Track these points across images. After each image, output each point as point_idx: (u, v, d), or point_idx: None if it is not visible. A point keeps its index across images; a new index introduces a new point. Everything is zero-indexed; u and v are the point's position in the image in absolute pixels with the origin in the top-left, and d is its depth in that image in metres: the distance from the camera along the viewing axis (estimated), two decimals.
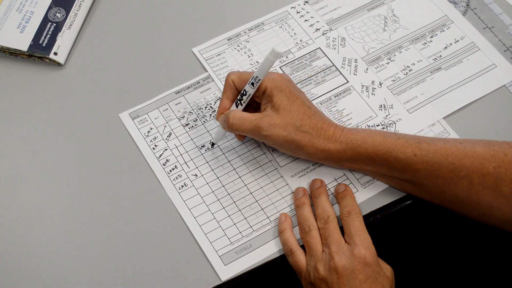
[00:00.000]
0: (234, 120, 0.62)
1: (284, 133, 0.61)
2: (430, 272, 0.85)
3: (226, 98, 0.65)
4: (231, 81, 0.65)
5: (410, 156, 0.61)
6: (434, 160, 0.60)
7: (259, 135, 0.62)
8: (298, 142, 0.62)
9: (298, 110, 0.62)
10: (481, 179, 0.59)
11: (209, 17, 0.79)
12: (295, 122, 0.62)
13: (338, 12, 0.80)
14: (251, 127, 0.62)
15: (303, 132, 0.62)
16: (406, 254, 0.83)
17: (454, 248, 0.85)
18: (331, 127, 0.63)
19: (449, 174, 0.60)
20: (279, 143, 0.63)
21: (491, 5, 0.79)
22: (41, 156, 0.69)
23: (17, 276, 0.62)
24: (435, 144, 0.61)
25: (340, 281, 0.57)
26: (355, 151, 0.62)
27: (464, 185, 0.59)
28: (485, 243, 0.85)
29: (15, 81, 0.74)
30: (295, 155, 0.65)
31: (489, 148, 0.59)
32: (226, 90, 0.65)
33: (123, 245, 0.64)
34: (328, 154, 0.63)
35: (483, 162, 0.59)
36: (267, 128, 0.61)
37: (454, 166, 0.59)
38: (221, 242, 0.64)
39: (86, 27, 0.78)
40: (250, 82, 0.63)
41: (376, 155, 0.62)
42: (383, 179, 0.66)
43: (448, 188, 0.60)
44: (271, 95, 0.62)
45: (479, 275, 0.84)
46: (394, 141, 0.62)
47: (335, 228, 0.61)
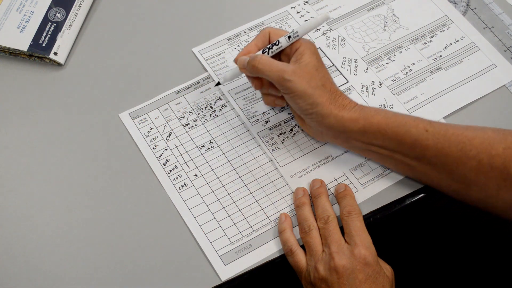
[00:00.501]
0: (262, 60, 0.63)
1: (306, 85, 0.62)
2: (430, 272, 0.85)
3: (255, 44, 0.66)
4: (267, 32, 0.66)
5: (421, 131, 0.61)
6: (445, 138, 0.60)
7: (282, 79, 0.62)
8: (316, 98, 0.62)
9: (323, 73, 0.63)
10: (490, 159, 0.59)
11: (209, 17, 0.79)
12: (318, 80, 0.62)
13: (338, 12, 0.80)
14: (276, 70, 0.62)
15: (323, 91, 0.62)
16: (406, 254, 0.83)
17: (454, 248, 0.86)
18: (346, 98, 0.64)
19: (458, 153, 0.60)
20: (298, 93, 0.62)
21: (491, 5, 0.79)
22: (41, 156, 0.69)
23: (17, 276, 0.62)
24: (446, 124, 0.62)
25: (340, 281, 0.57)
26: (367, 120, 0.62)
27: (473, 165, 0.60)
28: (485, 243, 0.85)
29: (15, 81, 0.74)
30: (307, 114, 0.64)
31: (499, 131, 0.60)
32: (258, 37, 0.66)
33: (123, 245, 0.64)
34: (341, 120, 0.62)
35: (493, 143, 0.59)
36: (291, 74, 0.61)
37: (464, 145, 0.60)
38: (221, 242, 0.64)
39: (86, 27, 0.78)
40: (288, 35, 0.64)
41: (388, 127, 0.62)
42: (390, 160, 0.65)
43: (456, 168, 0.61)
44: (303, 53, 0.63)
45: (479, 275, 0.84)
46: (406, 117, 0.62)
47: (335, 228, 0.61)
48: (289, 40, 0.64)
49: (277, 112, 0.72)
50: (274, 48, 0.64)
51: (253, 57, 0.63)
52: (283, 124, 0.71)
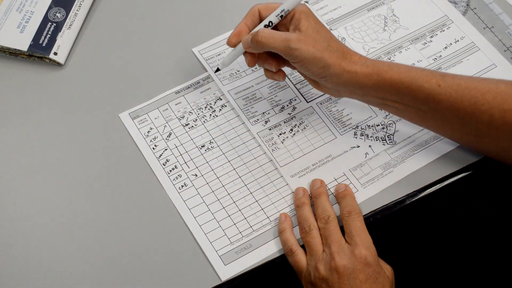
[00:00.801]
0: (264, 34, 0.62)
1: (313, 49, 0.61)
2: (430, 272, 0.85)
3: (244, 23, 0.65)
4: (256, 10, 0.65)
5: (434, 86, 0.61)
6: (458, 93, 0.61)
7: (288, 48, 0.61)
8: (326, 60, 0.61)
9: (325, 33, 0.63)
10: (502, 114, 0.60)
11: (209, 17, 0.79)
12: (323, 42, 0.62)
13: (338, 12, 0.80)
14: (281, 40, 0.61)
15: (331, 51, 0.62)
16: (406, 254, 0.83)
17: (454, 248, 0.86)
18: (356, 54, 0.64)
19: (470, 107, 0.60)
20: (308, 59, 0.62)
21: (491, 5, 0.79)
22: (41, 156, 0.69)
23: (17, 276, 0.62)
24: (459, 78, 0.62)
25: (340, 281, 0.57)
26: (380, 76, 0.62)
27: (485, 119, 0.60)
28: (485, 243, 0.85)
29: (15, 81, 0.74)
30: (320, 77, 0.64)
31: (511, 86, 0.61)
32: (247, 16, 0.65)
33: (123, 245, 0.64)
34: (354, 76, 0.62)
35: (506, 98, 0.60)
36: (297, 41, 0.61)
37: (476, 100, 0.60)
38: (221, 242, 0.64)
39: (86, 27, 0.78)
40: (278, 13, 0.64)
41: (401, 82, 0.62)
42: (405, 112, 0.65)
43: (469, 121, 0.61)
44: (300, 18, 0.63)
45: (479, 275, 0.84)
46: (419, 71, 0.62)
47: (336, 228, 0.61)
48: (281, 18, 0.64)
49: (277, 112, 0.72)
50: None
51: (255, 33, 0.63)
52: (283, 124, 0.71)
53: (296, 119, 0.71)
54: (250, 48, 0.64)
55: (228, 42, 0.66)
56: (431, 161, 0.68)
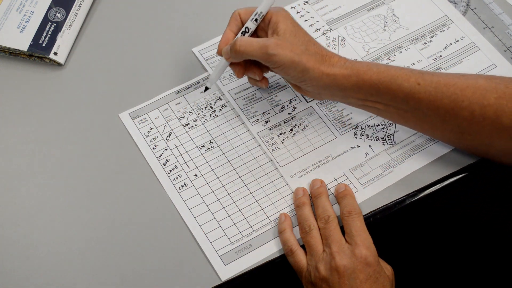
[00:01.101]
0: (241, 42, 0.62)
1: (291, 54, 0.61)
2: (430, 272, 0.85)
3: (229, 30, 0.66)
4: (237, 14, 0.66)
5: (413, 84, 0.61)
6: (437, 90, 0.61)
7: (266, 55, 0.61)
8: (304, 64, 0.62)
9: (303, 36, 0.63)
10: (482, 109, 0.60)
11: (209, 17, 0.79)
12: (300, 46, 0.62)
13: (338, 12, 0.80)
14: (259, 47, 0.62)
15: (309, 55, 0.62)
16: (406, 254, 0.83)
17: (454, 248, 0.86)
18: (335, 55, 0.64)
19: (450, 104, 0.61)
20: (286, 64, 0.62)
21: (491, 5, 0.79)
22: (41, 156, 0.69)
23: (17, 276, 0.62)
24: (438, 76, 0.62)
25: (341, 281, 0.57)
26: (359, 77, 0.62)
27: (465, 115, 0.60)
28: (485, 243, 0.85)
29: (15, 81, 0.74)
30: (300, 81, 0.64)
31: (490, 81, 0.61)
32: (231, 22, 0.66)
33: (123, 245, 0.64)
34: (334, 79, 0.63)
35: (485, 93, 0.60)
36: (274, 47, 0.61)
37: (456, 96, 0.60)
38: (221, 242, 0.64)
39: (86, 27, 0.78)
40: (252, 18, 0.64)
41: (380, 82, 0.62)
42: (386, 112, 0.65)
43: (449, 118, 0.61)
44: (277, 22, 0.63)
45: (479, 275, 0.84)
46: (398, 70, 0.62)
47: (336, 228, 0.61)
48: (257, 23, 0.65)
49: (277, 112, 0.72)
50: (246, 35, 0.65)
51: (233, 42, 0.63)
52: (283, 124, 0.71)
53: (296, 119, 0.71)
54: (231, 58, 0.64)
55: (218, 52, 0.66)
56: (431, 161, 0.68)
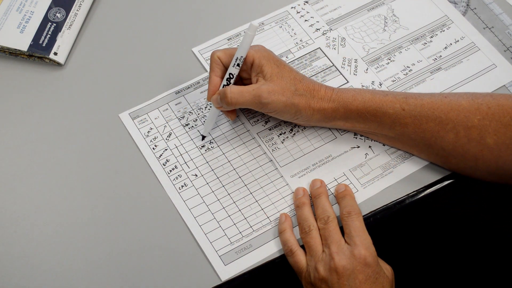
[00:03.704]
0: (232, 94, 0.63)
1: (284, 98, 0.62)
2: (430, 272, 0.85)
3: (214, 76, 0.66)
4: (217, 58, 0.65)
5: (398, 110, 0.63)
6: (422, 114, 0.62)
7: (260, 104, 0.62)
8: (297, 105, 0.63)
9: (289, 76, 0.64)
10: (466, 131, 0.61)
11: (209, 17, 0.79)
12: (290, 87, 0.63)
13: (338, 12, 0.80)
14: (251, 97, 0.62)
15: (299, 95, 0.63)
16: (406, 254, 0.83)
17: (454, 248, 0.85)
18: (321, 87, 0.65)
19: (436, 128, 0.62)
20: (280, 109, 0.63)
21: (491, 5, 0.79)
22: (41, 156, 0.69)
23: (17, 276, 0.62)
24: (421, 99, 0.63)
25: (340, 281, 0.57)
26: (347, 108, 0.64)
27: (451, 137, 0.62)
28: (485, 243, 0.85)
29: (15, 81, 0.74)
30: (293, 120, 0.66)
31: (473, 101, 0.62)
32: (213, 67, 0.66)
33: (123, 245, 0.64)
34: (323, 113, 0.64)
35: (468, 115, 0.61)
36: (267, 95, 0.62)
37: (441, 120, 0.62)
38: (221, 242, 0.64)
39: (86, 27, 0.78)
40: (234, 63, 0.64)
41: (367, 111, 0.64)
42: (374, 135, 0.68)
43: (435, 142, 0.63)
44: (261, 65, 0.64)
45: (479, 275, 0.84)
46: (382, 97, 0.64)
47: (335, 229, 0.61)
48: (239, 66, 0.64)
49: None
50: (232, 81, 0.65)
51: (223, 93, 0.63)
52: (283, 124, 0.71)
53: None
54: (223, 108, 0.65)
55: (208, 99, 0.66)
56: (431, 161, 0.68)
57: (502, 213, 0.85)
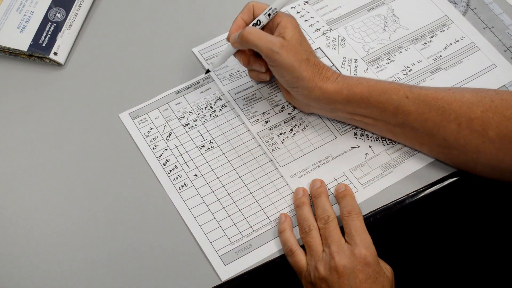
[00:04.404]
0: (251, 31, 0.64)
1: (293, 58, 0.63)
2: (430, 272, 0.85)
3: (241, 18, 0.68)
4: (251, 5, 0.68)
5: (402, 97, 0.63)
6: (425, 103, 0.62)
7: (270, 51, 0.63)
8: (302, 72, 0.63)
9: (307, 47, 0.65)
10: (469, 122, 0.61)
11: (209, 17, 0.79)
12: (303, 54, 0.64)
13: (338, 12, 0.80)
14: (265, 42, 0.63)
15: (308, 65, 0.64)
16: (406, 254, 0.83)
17: (454, 248, 0.86)
18: (329, 69, 0.66)
19: (438, 117, 0.62)
20: (285, 66, 0.63)
21: (491, 5, 0.79)
22: (41, 156, 0.69)
23: (17, 276, 0.62)
24: (425, 89, 0.64)
25: (340, 280, 0.58)
26: (350, 91, 0.64)
27: (453, 128, 0.62)
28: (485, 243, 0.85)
29: (15, 81, 0.74)
30: (292, 87, 0.66)
31: (476, 94, 0.62)
32: (244, 11, 0.68)
33: (123, 245, 0.64)
34: (325, 92, 0.64)
35: (471, 107, 0.61)
36: (279, 46, 0.63)
37: (444, 110, 0.62)
38: (221, 242, 0.64)
39: (86, 27, 0.78)
40: (266, 12, 0.66)
41: (370, 96, 0.63)
42: (374, 127, 0.67)
43: (437, 132, 0.63)
44: (285, 27, 0.65)
45: (479, 275, 0.84)
46: (387, 84, 0.64)
47: (336, 228, 0.61)
48: (269, 18, 0.66)
49: (277, 112, 0.72)
50: (257, 27, 0.66)
51: (243, 30, 0.65)
52: (283, 124, 0.71)
53: (296, 119, 0.71)
54: (236, 44, 0.66)
55: (228, 37, 0.68)
56: (431, 161, 0.68)
57: (502, 213, 0.85)
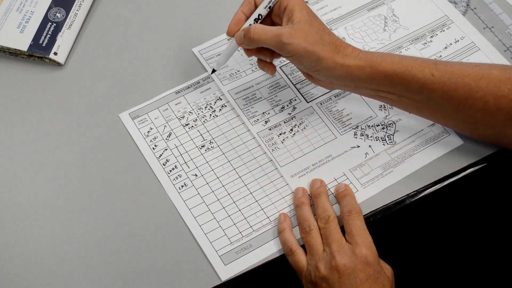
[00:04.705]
0: (256, 30, 0.62)
1: (305, 43, 0.61)
2: (430, 272, 0.85)
3: (241, 11, 0.66)
4: None
5: (427, 75, 0.62)
6: (451, 81, 0.61)
7: (280, 43, 0.61)
8: (318, 54, 0.62)
9: (318, 26, 0.63)
10: (496, 100, 0.60)
11: (209, 17, 0.79)
12: (315, 35, 0.62)
13: (338, 12, 0.80)
14: (273, 36, 0.62)
15: (323, 45, 0.62)
16: (406, 254, 0.83)
17: (454, 248, 0.86)
18: (349, 46, 0.64)
19: (465, 95, 0.61)
20: (300, 53, 0.62)
21: (491, 5, 0.79)
22: (41, 156, 0.69)
23: (17, 276, 0.62)
24: (452, 66, 0.62)
25: (341, 280, 0.57)
26: (374, 68, 0.62)
27: (479, 106, 0.61)
28: (485, 243, 0.85)
29: (15, 81, 0.74)
30: (313, 71, 0.64)
31: (504, 71, 0.61)
32: (244, 3, 0.66)
33: (123, 245, 0.64)
34: (347, 69, 0.63)
35: (499, 84, 0.60)
36: (288, 36, 0.61)
37: (470, 87, 0.61)
38: (221, 242, 0.64)
39: (86, 27, 0.78)
40: (265, 5, 0.64)
41: (394, 73, 0.62)
42: (399, 103, 0.65)
43: (463, 109, 0.62)
44: (293, 10, 0.63)
45: (479, 275, 0.84)
46: (412, 61, 0.62)
47: (336, 228, 0.61)
48: (270, 9, 0.64)
49: (277, 112, 0.72)
50: (259, 22, 0.65)
51: (247, 30, 0.63)
52: (283, 124, 0.71)
53: (296, 119, 0.71)
54: (244, 44, 0.64)
55: (228, 32, 0.66)
56: (431, 161, 0.68)
57: (502, 213, 0.85)
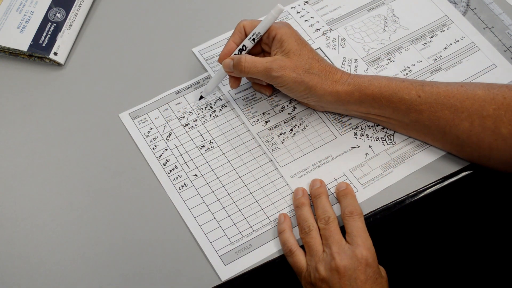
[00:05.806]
0: (246, 63, 0.65)
1: (294, 74, 0.63)
2: (430, 272, 0.85)
3: (232, 41, 0.68)
4: (242, 26, 0.68)
5: (414, 97, 0.63)
6: (437, 102, 0.62)
7: (270, 76, 0.64)
8: (307, 83, 0.64)
9: (307, 55, 0.65)
10: (481, 120, 0.61)
11: (209, 17, 0.79)
12: (304, 65, 0.64)
13: (338, 12, 0.80)
14: (263, 69, 0.64)
15: (312, 74, 0.64)
16: (406, 254, 0.83)
17: (454, 248, 0.86)
18: (338, 71, 0.66)
19: (451, 116, 0.62)
20: (289, 85, 0.64)
21: (491, 5, 0.79)
22: (41, 156, 0.69)
23: (17, 276, 0.62)
24: (437, 87, 0.64)
25: (341, 281, 0.57)
26: (362, 92, 0.64)
27: (465, 126, 0.62)
28: (485, 243, 0.85)
29: (15, 81, 0.74)
30: (304, 99, 0.67)
31: (489, 91, 0.62)
32: (235, 33, 0.68)
33: (123, 245, 0.64)
34: (336, 96, 0.65)
35: (483, 104, 0.61)
36: (277, 69, 0.63)
37: (456, 108, 0.62)
38: (221, 242, 0.64)
39: (86, 27, 0.78)
40: (250, 37, 0.66)
41: (382, 96, 0.64)
42: (387, 123, 0.68)
43: (449, 130, 0.63)
44: (281, 40, 0.65)
45: (479, 275, 0.84)
46: (399, 83, 0.64)
47: (336, 229, 0.61)
48: (254, 41, 0.66)
49: (277, 112, 0.72)
50: (243, 52, 0.67)
51: (237, 60, 0.65)
52: (283, 124, 0.71)
53: (296, 119, 0.71)
54: (234, 73, 0.67)
55: (219, 60, 0.68)
56: (431, 161, 0.68)
57: (502, 213, 0.85)
